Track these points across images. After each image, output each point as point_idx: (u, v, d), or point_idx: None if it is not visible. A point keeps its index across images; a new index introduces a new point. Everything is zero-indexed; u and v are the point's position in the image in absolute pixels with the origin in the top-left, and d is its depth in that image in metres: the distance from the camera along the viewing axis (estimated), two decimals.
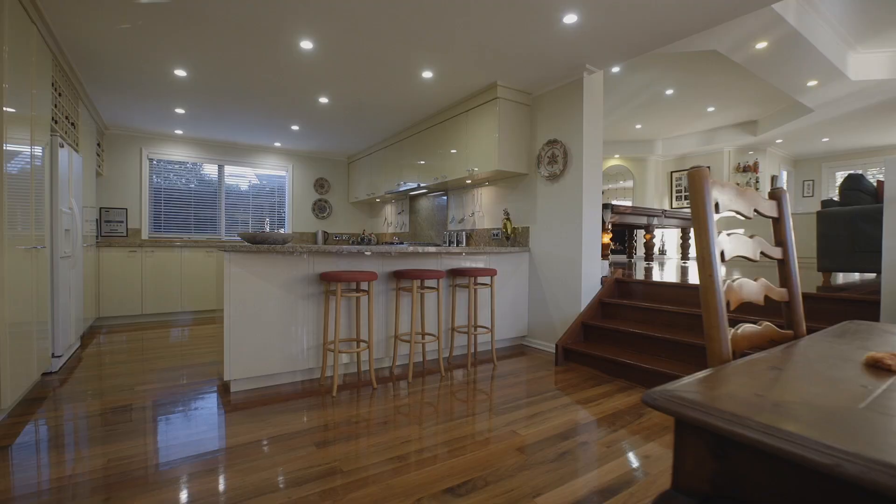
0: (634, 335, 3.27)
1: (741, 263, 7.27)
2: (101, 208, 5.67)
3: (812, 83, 5.44)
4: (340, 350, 2.79)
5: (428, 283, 3.51)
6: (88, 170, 4.41)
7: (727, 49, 4.48)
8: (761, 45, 4.42)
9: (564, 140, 3.78)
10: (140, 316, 5.33)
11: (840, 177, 9.23)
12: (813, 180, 9.58)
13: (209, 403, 2.57)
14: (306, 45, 3.19)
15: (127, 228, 5.83)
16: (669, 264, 6.86)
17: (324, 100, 4.43)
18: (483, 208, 4.76)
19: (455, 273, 3.42)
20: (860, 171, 8.76)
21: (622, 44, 3.21)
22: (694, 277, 4.02)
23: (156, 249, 5.36)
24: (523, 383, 3.01)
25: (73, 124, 3.77)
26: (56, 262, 3.11)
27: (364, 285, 3.17)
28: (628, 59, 3.46)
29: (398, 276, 3.14)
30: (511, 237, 4.29)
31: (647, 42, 3.20)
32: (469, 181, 4.67)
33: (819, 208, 3.90)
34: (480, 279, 3.80)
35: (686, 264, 7.03)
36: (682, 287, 3.43)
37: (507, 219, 4.24)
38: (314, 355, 3.01)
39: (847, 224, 3.59)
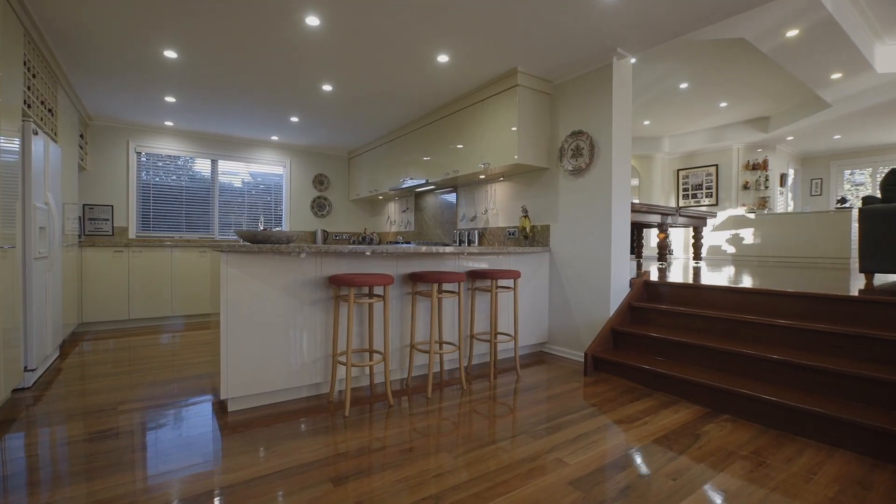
0: (670, 342, 2.99)
1: (753, 262, 7.05)
2: (84, 205, 5.29)
3: (836, 76, 5.22)
4: (353, 363, 2.47)
5: (446, 286, 3.20)
6: (69, 163, 4.05)
7: (755, 37, 4.22)
8: (792, 32, 4.17)
9: (591, 131, 3.50)
10: (127, 321, 4.96)
11: (849, 175, 9.07)
12: (821, 179, 9.42)
13: (204, 427, 2.24)
14: (312, 20, 2.87)
15: (113, 227, 5.45)
16: (684, 265, 6.63)
17: (327, 87, 4.10)
18: (497, 205, 4.46)
19: (474, 275, 3.12)
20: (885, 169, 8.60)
21: (661, 24, 2.93)
22: (716, 279, 3.76)
23: (144, 249, 5.00)
24: (555, 398, 2.72)
25: (50, 111, 3.41)
26: (29, 264, 2.76)
27: (378, 290, 2.85)
28: (662, 42, 3.19)
29: (414, 279, 2.83)
30: (530, 236, 3.99)
31: (687, 23, 2.92)
32: (482, 176, 4.37)
33: (836, 207, 3.66)
34: (502, 282, 3.51)
35: (698, 264, 6.79)
36: (720, 290, 3.16)
37: (526, 216, 3.94)
38: (322, 368, 2.70)
39: (892, 222, 3.35)
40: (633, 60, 4.79)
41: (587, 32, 3.02)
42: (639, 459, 1.92)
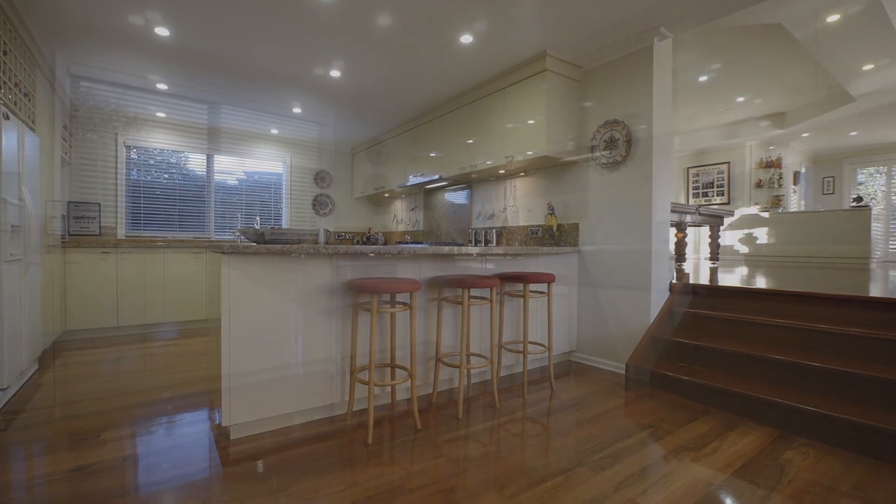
0: (725, 353, 2.70)
1: (765, 261, 6.80)
2: (68, 202, 4.90)
3: (868, 67, 4.97)
4: (376, 382, 2.15)
5: (476, 292, 2.88)
6: (51, 155, 3.68)
7: (793, 22, 3.95)
8: (833, 17, 3.90)
9: (627, 121, 3.20)
10: (115, 328, 4.58)
11: (861, 174, 8.86)
12: (833, 177, 9.21)
13: (202, 461, 1.90)
14: None
15: (100, 226, 5.06)
16: (696, 264, 6.36)
17: (335, 73, 3.77)
18: (518, 202, 4.15)
19: (504, 279, 2.81)
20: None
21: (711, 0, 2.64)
22: (765, 282, 3.47)
23: (134, 250, 4.62)
24: (601, 418, 2.41)
25: (26, 95, 3.05)
26: None
27: (400, 296, 2.53)
28: (712, 20, 2.89)
29: (440, 283, 2.51)
30: (556, 235, 3.68)
31: None
32: (502, 171, 4.06)
33: (852, 206, 3.39)
34: (534, 286, 3.19)
35: (715, 265, 6.50)
36: (777, 294, 2.87)
37: (552, 214, 3.63)
38: (337, 387, 2.36)
39: None
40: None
41: (630, 8, 2.71)
42: (725, 499, 1.62)
